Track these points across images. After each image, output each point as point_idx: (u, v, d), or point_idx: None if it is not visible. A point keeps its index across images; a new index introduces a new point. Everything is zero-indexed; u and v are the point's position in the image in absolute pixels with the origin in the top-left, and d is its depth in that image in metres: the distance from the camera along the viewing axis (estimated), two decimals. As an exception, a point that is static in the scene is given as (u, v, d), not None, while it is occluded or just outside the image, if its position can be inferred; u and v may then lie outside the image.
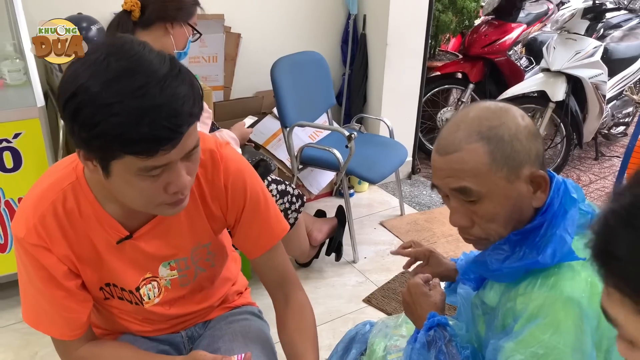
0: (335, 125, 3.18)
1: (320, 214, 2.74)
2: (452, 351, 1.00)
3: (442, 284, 1.27)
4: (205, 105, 1.94)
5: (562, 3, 4.28)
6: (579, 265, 0.87)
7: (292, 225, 2.26)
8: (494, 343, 0.93)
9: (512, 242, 0.94)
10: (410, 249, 1.34)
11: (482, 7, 3.95)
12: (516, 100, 3.38)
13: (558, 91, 3.32)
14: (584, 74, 3.33)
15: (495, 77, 3.82)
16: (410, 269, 1.34)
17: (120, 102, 0.79)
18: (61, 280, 1.03)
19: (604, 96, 3.49)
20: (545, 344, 0.84)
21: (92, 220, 1.02)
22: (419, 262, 1.34)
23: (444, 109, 3.85)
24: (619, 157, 3.98)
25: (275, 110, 2.82)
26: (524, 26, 3.84)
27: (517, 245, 0.93)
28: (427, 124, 3.91)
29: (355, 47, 3.33)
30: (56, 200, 0.99)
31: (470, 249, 1.10)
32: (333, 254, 2.63)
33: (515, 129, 0.90)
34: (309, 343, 1.16)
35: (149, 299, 1.15)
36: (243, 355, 1.04)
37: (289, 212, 2.24)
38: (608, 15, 3.82)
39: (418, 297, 1.10)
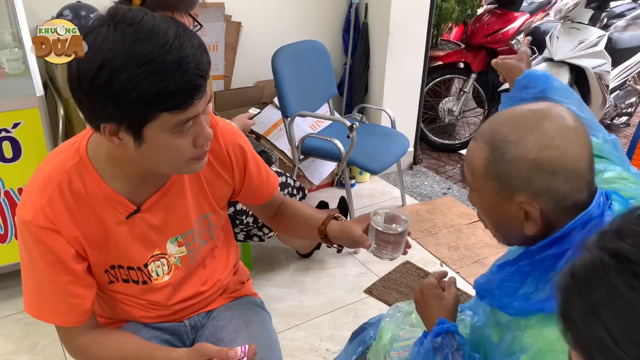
0: (337, 115, 3.17)
1: (323, 205, 2.73)
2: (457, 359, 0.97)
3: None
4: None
5: (566, -8, 4.24)
6: None
7: (293, 215, 2.26)
8: None
9: (522, 273, 0.89)
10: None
11: (484, -5, 3.93)
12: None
13: (561, 81, 3.30)
14: (587, 63, 3.31)
15: (497, 66, 3.79)
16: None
17: (151, 61, 0.83)
18: (69, 263, 1.03)
19: (607, 86, 3.46)
20: None
21: (99, 198, 1.03)
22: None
23: (446, 99, 3.83)
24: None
25: (276, 100, 2.81)
26: (527, 15, 3.81)
27: (529, 276, 0.88)
28: (429, 114, 3.89)
29: (356, 36, 3.31)
30: (62, 182, 1.00)
31: (473, 240, 1.08)
32: (335, 246, 2.62)
33: (522, 154, 0.83)
34: (304, 205, 1.35)
35: (158, 275, 1.15)
36: (247, 346, 1.04)
37: (290, 202, 2.23)
38: (612, 4, 3.78)
39: (430, 299, 1.07)
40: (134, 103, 0.84)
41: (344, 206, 2.65)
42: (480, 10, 4.03)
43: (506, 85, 3.44)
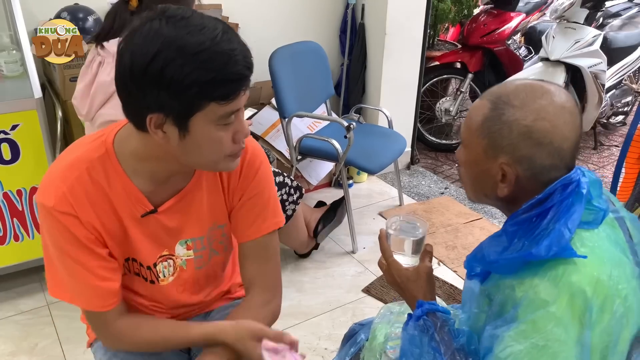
0: (334, 115, 3.17)
1: (321, 205, 2.74)
2: (444, 337, 0.99)
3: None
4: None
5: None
6: (581, 261, 0.86)
7: (290, 216, 2.27)
8: (490, 330, 0.91)
9: (509, 233, 0.94)
10: None
11: (481, -4, 3.94)
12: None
13: (557, 80, 3.31)
14: (583, 63, 3.33)
15: (494, 66, 3.81)
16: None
17: (204, 51, 0.87)
18: (93, 247, 1.03)
19: (603, 85, 3.48)
20: (547, 335, 0.83)
21: (119, 192, 1.04)
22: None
23: (443, 99, 3.84)
24: (618, 147, 3.98)
25: (273, 100, 2.82)
26: (523, 15, 3.82)
27: (515, 237, 0.92)
28: (425, 114, 3.90)
29: (353, 37, 3.32)
30: (84, 171, 1.01)
31: (470, 239, 1.09)
32: (333, 243, 2.63)
33: (518, 119, 0.89)
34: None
35: (164, 276, 1.16)
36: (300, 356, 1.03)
37: (287, 203, 2.24)
38: (607, 3, 3.80)
39: (404, 283, 1.10)
40: (186, 91, 0.88)
41: (336, 203, 2.65)
42: (476, 11, 4.04)
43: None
